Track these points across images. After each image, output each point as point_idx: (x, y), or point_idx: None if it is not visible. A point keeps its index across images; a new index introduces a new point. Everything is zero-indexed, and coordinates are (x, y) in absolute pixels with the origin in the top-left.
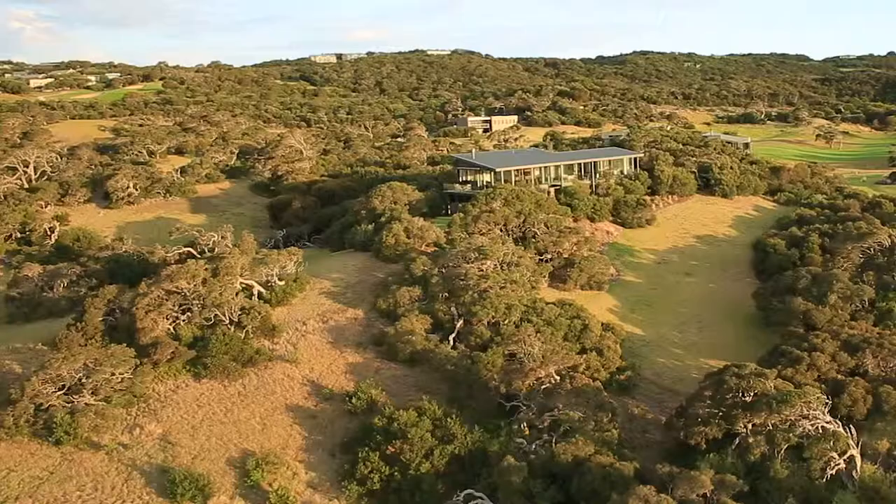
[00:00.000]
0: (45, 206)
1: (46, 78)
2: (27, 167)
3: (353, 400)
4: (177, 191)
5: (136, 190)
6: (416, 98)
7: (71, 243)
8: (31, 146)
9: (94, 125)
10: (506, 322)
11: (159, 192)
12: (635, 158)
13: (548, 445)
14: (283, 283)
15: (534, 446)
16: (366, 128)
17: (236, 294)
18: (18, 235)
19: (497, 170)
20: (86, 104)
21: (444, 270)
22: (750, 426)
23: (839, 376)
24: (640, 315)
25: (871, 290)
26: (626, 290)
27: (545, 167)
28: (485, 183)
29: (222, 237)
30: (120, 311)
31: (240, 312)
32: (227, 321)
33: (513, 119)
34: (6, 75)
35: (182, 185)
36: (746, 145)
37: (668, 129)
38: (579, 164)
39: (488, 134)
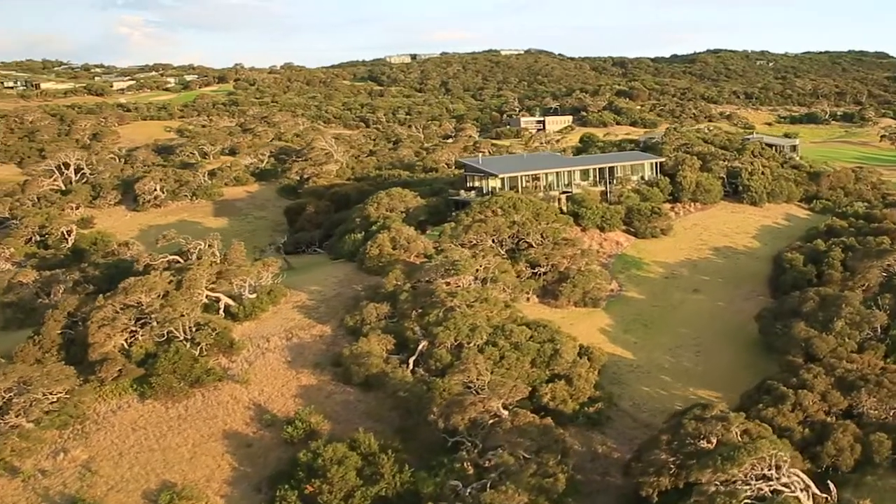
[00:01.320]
0: (77, 209)
1: (129, 80)
2: (67, 169)
3: (290, 428)
4: (203, 193)
5: (163, 193)
6: (479, 98)
7: (88, 247)
8: (69, 149)
9: (161, 126)
10: (470, 345)
11: (186, 195)
12: (657, 163)
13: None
14: (254, 296)
15: (469, 490)
16: (417, 129)
17: (201, 308)
18: (38, 238)
19: (499, 175)
20: (159, 105)
21: (416, 286)
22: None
23: (828, 419)
24: (634, 336)
25: (883, 317)
26: (625, 307)
27: (557, 173)
28: (491, 189)
29: (209, 245)
30: (81, 323)
31: (194, 329)
32: (182, 337)
33: (567, 119)
34: (96, 78)
35: (208, 188)
36: (794, 148)
37: (707, 130)
38: (596, 170)
39: (542, 134)
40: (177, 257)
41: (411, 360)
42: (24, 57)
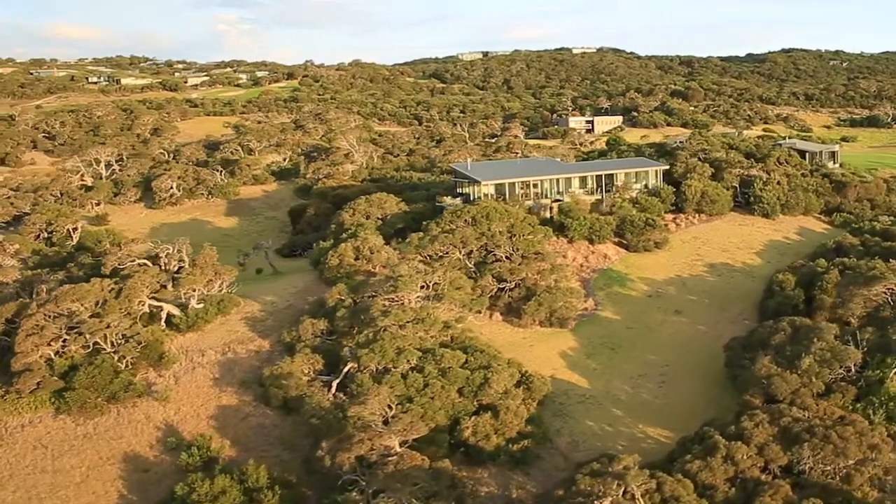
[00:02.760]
0: (97, 205)
1: (204, 76)
2: (98, 165)
3: (185, 455)
4: (218, 192)
5: (179, 191)
6: (538, 96)
7: (93, 244)
8: (103, 147)
9: (221, 122)
10: (395, 370)
11: (202, 194)
12: (662, 171)
13: None
14: (201, 305)
15: None
16: (462, 127)
17: (142, 317)
18: (45, 236)
19: (483, 182)
20: (225, 101)
21: (360, 301)
22: None
23: (764, 476)
24: (597, 361)
25: (857, 355)
26: (596, 329)
27: (551, 180)
28: (478, 196)
29: (178, 250)
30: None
31: (121, 340)
32: (109, 349)
33: (617, 120)
34: (176, 74)
35: (224, 187)
36: (832, 154)
37: (737, 135)
38: (594, 177)
39: (575, 134)
40: (146, 262)
41: (335, 384)
42: (129, 53)
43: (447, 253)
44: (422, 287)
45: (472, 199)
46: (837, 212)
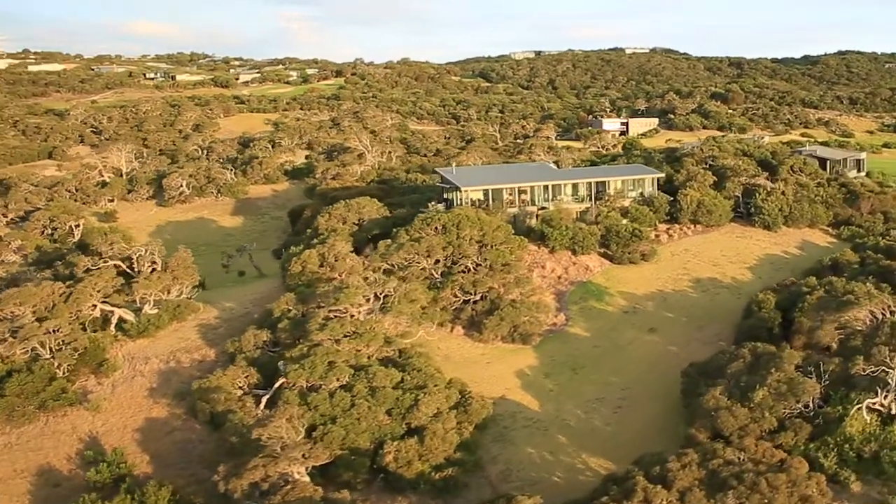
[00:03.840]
0: (110, 202)
1: (255, 73)
2: (118, 161)
3: (93, 471)
4: (227, 191)
5: (189, 189)
6: (582, 97)
7: (93, 242)
8: (125, 144)
9: (263, 119)
10: (323, 387)
11: (212, 192)
12: (657, 178)
13: None
14: (155, 311)
15: None
16: (494, 128)
17: (91, 321)
18: (49, 232)
19: (463, 188)
20: (271, 98)
21: (307, 313)
22: None
23: None
24: (554, 382)
25: (815, 389)
26: (561, 346)
27: (538, 186)
28: (464, 202)
29: (150, 252)
30: None
31: (59, 347)
32: (48, 355)
33: (653, 122)
34: (231, 71)
35: (232, 186)
36: (858, 163)
37: (752, 140)
38: (587, 184)
39: (600, 136)
40: (119, 263)
41: (264, 399)
42: (202, 49)
43: (412, 262)
44: (369, 299)
45: (454, 205)
46: (846, 225)
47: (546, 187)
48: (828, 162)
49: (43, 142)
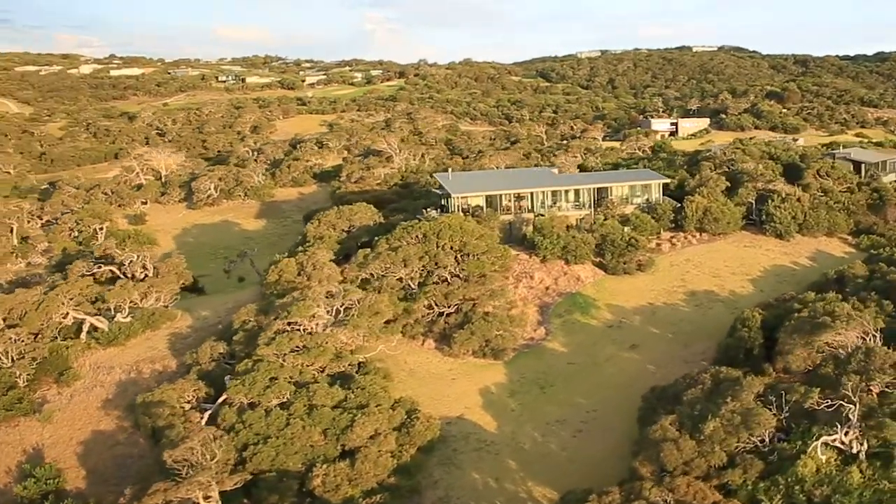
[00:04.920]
0: (144, 204)
1: (322, 75)
2: (158, 164)
3: (20, 487)
4: (254, 194)
5: (217, 192)
6: (640, 96)
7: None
8: (157, 148)
9: (319, 120)
10: (261, 405)
11: (239, 195)
12: (662, 184)
13: None
14: (128, 319)
15: None
16: (541, 129)
17: (61, 329)
18: (76, 235)
19: (453, 195)
20: (331, 99)
21: (260, 325)
22: None
23: None
24: (518, 401)
25: (771, 422)
26: (534, 362)
27: (535, 193)
28: (453, 208)
29: (141, 257)
30: None
31: (18, 356)
32: (9, 364)
33: (704, 122)
34: (300, 72)
35: (259, 189)
36: None
37: (783, 143)
38: (589, 191)
39: (636, 138)
40: (112, 268)
41: (206, 415)
42: (288, 53)
43: (388, 272)
44: (330, 311)
45: (449, 211)
46: (868, 233)
47: (545, 193)
48: (863, 165)
49: (111, 144)
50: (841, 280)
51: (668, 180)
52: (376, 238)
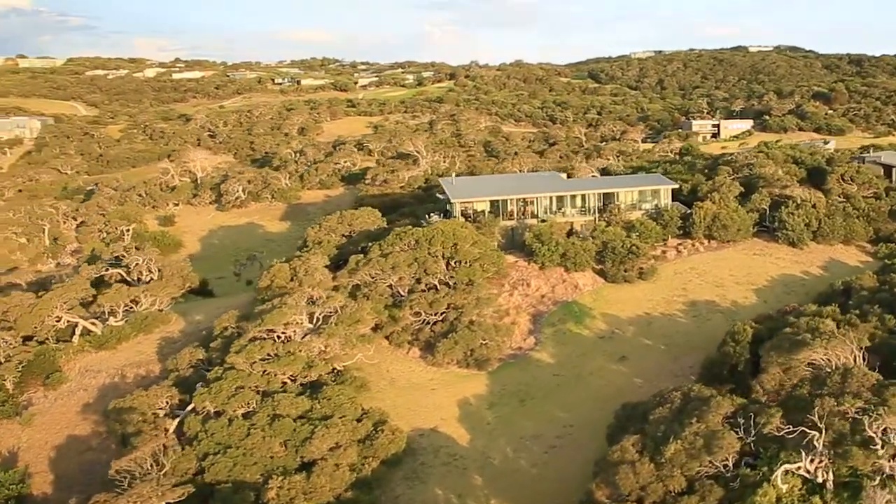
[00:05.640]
0: (176, 205)
1: (374, 76)
2: (194, 165)
3: None
4: (280, 196)
5: (245, 194)
6: (688, 97)
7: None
8: (193, 152)
9: (365, 122)
10: (226, 414)
11: (267, 197)
12: (671, 190)
13: None
14: (120, 323)
15: None
16: (579, 130)
17: (54, 331)
18: (104, 236)
19: (452, 200)
20: (381, 101)
21: (239, 332)
22: None
23: None
24: (496, 414)
25: (733, 445)
26: (519, 374)
27: (539, 198)
28: (454, 213)
29: (147, 260)
30: None
31: (5, 358)
32: None
33: (747, 124)
34: (355, 74)
35: (285, 192)
36: None
37: (810, 146)
38: (595, 196)
39: (715, 139)
40: (119, 271)
41: (174, 423)
42: (348, 55)
43: (377, 279)
44: (313, 318)
45: (452, 216)
46: (888, 242)
47: (550, 199)
48: (893, 170)
49: (165, 145)
50: (847, 291)
51: (677, 185)
52: (370, 244)
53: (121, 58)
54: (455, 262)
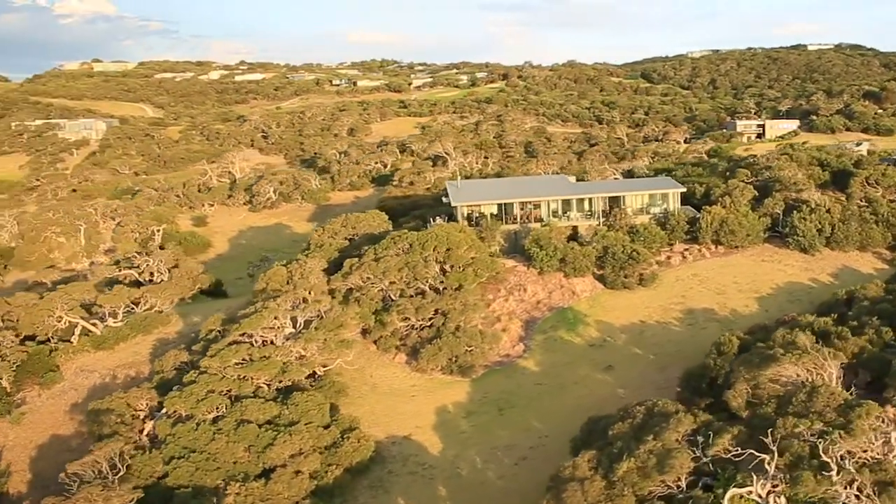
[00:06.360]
0: (211, 206)
1: (428, 77)
2: (232, 169)
3: None
4: (310, 197)
5: (276, 195)
6: (739, 97)
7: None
8: (233, 154)
9: (414, 122)
10: (195, 418)
11: (297, 199)
12: (679, 193)
13: None
14: (119, 324)
15: None
16: (621, 131)
17: (51, 332)
18: (136, 236)
19: (453, 204)
20: (432, 102)
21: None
22: None
23: None
24: (472, 423)
25: (686, 464)
26: (503, 381)
27: (543, 202)
28: (457, 217)
29: (157, 262)
30: None
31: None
32: None
33: (793, 124)
34: (411, 75)
35: (315, 193)
36: None
37: (843, 146)
38: (601, 199)
39: (760, 140)
40: (132, 272)
41: (149, 425)
42: (417, 57)
43: (368, 283)
44: (295, 322)
45: (456, 220)
46: None
47: (556, 202)
48: None
49: (220, 146)
50: (850, 301)
51: (684, 189)
52: (365, 248)
53: (188, 61)
54: (450, 267)
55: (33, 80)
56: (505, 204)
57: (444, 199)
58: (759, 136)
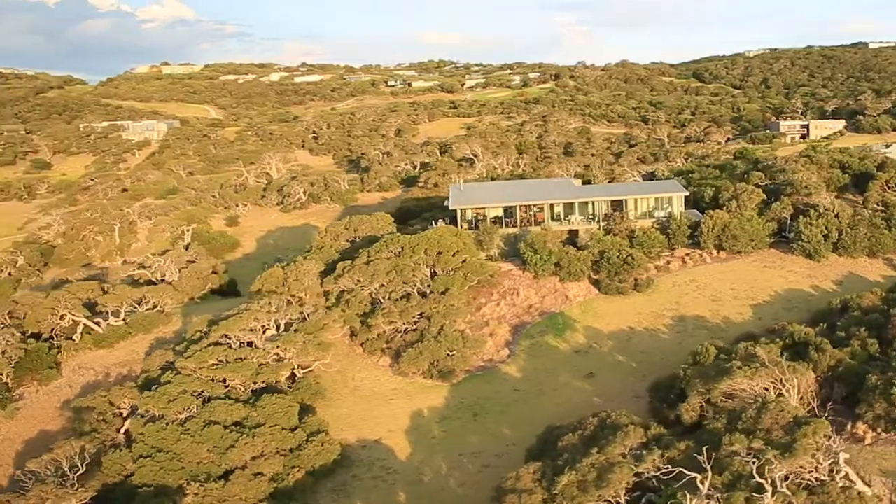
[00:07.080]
0: (245, 206)
1: (481, 78)
2: (269, 170)
3: None
4: (338, 198)
5: (305, 196)
6: (790, 97)
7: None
8: (274, 156)
9: (461, 123)
10: (165, 418)
11: (326, 199)
12: (683, 197)
13: None
14: (120, 323)
15: None
16: (661, 131)
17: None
18: (167, 235)
19: (451, 207)
20: (481, 103)
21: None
22: None
23: None
24: (443, 429)
25: (621, 480)
26: (482, 387)
27: (546, 205)
28: (469, 219)
29: (168, 262)
30: None
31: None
32: None
33: (838, 124)
34: (466, 76)
35: (343, 194)
36: None
37: (866, 148)
38: (606, 203)
39: (803, 140)
40: (144, 272)
41: (127, 423)
42: (477, 57)
43: (357, 286)
44: (278, 326)
45: (457, 223)
46: None
47: (560, 205)
48: None
49: (272, 146)
50: (845, 309)
51: (687, 192)
52: (361, 250)
53: (251, 63)
54: (441, 270)
55: (106, 83)
56: (506, 207)
57: (445, 203)
58: (804, 136)
